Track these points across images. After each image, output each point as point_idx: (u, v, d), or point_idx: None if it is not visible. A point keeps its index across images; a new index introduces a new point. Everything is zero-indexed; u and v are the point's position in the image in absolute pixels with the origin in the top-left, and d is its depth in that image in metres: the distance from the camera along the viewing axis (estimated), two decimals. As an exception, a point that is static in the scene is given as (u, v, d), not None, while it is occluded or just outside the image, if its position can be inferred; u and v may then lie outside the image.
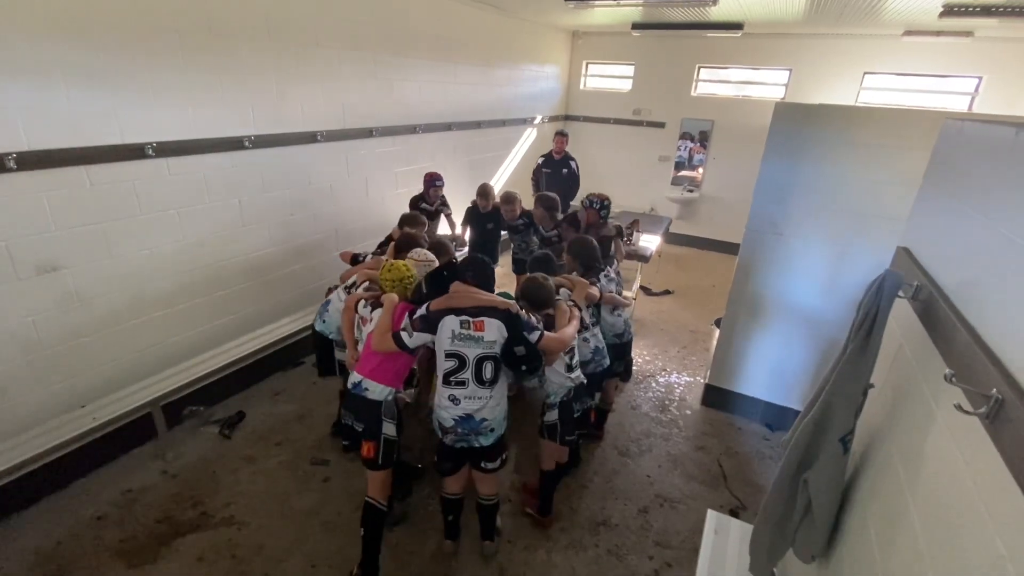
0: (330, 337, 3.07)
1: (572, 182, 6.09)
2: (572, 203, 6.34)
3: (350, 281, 2.98)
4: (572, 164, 6.16)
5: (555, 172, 6.13)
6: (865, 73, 6.56)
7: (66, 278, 2.88)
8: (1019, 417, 0.89)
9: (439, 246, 3.38)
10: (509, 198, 4.49)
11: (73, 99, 2.71)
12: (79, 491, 2.97)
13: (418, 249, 2.90)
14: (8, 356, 2.74)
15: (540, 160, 6.27)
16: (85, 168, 2.83)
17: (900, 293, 1.50)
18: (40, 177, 2.67)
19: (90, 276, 2.98)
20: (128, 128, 2.97)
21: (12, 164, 2.52)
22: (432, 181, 4.49)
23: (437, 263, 2.87)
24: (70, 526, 2.75)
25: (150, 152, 3.06)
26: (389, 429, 2.40)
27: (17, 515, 2.79)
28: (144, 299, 3.28)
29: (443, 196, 4.67)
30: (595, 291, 2.94)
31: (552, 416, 2.66)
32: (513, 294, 3.09)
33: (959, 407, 1.03)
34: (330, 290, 3.17)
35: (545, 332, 2.37)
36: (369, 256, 3.29)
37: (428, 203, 4.57)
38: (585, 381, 2.72)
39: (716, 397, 4.07)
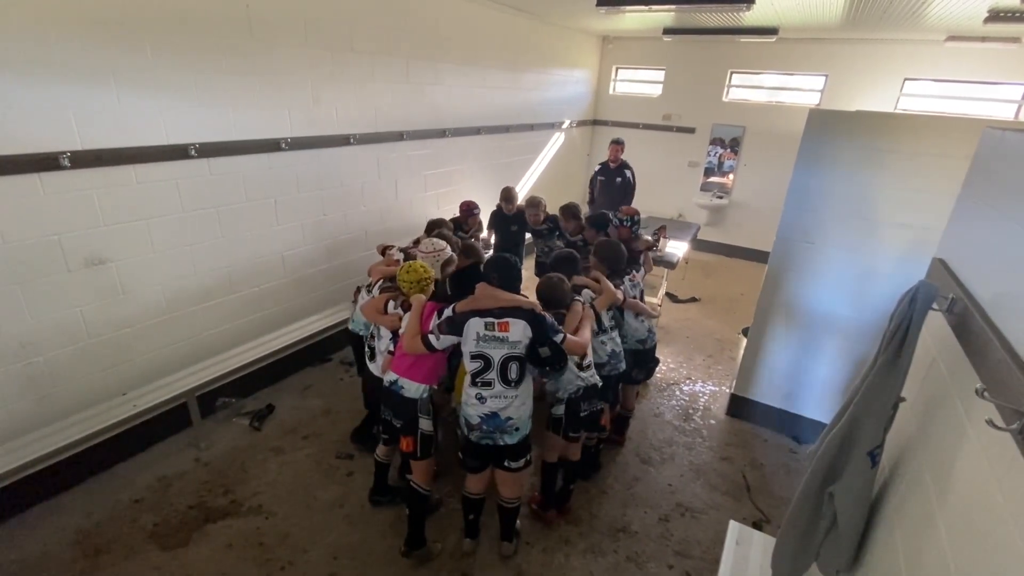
0: (360, 333, 3.16)
1: (626, 191, 5.96)
2: None
3: (374, 283, 3.02)
4: (627, 173, 6.00)
5: (609, 180, 6.01)
6: (905, 79, 6.37)
7: (112, 271, 3.03)
8: (1054, 434, 0.87)
9: (469, 249, 3.42)
10: (533, 202, 4.52)
11: (124, 101, 2.86)
12: (118, 475, 3.12)
13: (426, 240, 2.94)
14: (57, 344, 2.89)
15: (597, 168, 6.20)
16: (133, 167, 2.97)
17: (934, 306, 1.47)
18: (91, 175, 2.81)
19: (134, 270, 3.12)
20: (173, 129, 3.11)
21: (66, 162, 2.67)
22: (470, 210, 4.47)
23: (447, 251, 2.94)
24: (109, 508, 2.88)
25: (193, 153, 3.20)
26: (425, 424, 2.49)
27: (61, 495, 2.94)
28: (183, 293, 3.42)
29: (480, 221, 4.66)
30: (619, 295, 2.95)
31: (559, 410, 2.70)
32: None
33: (991, 423, 1.01)
34: (358, 289, 3.25)
35: (567, 335, 2.39)
36: (396, 250, 3.32)
37: (464, 231, 4.51)
38: (599, 383, 2.72)
39: (742, 407, 4.00)
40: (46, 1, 2.50)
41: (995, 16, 4.12)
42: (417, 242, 3.43)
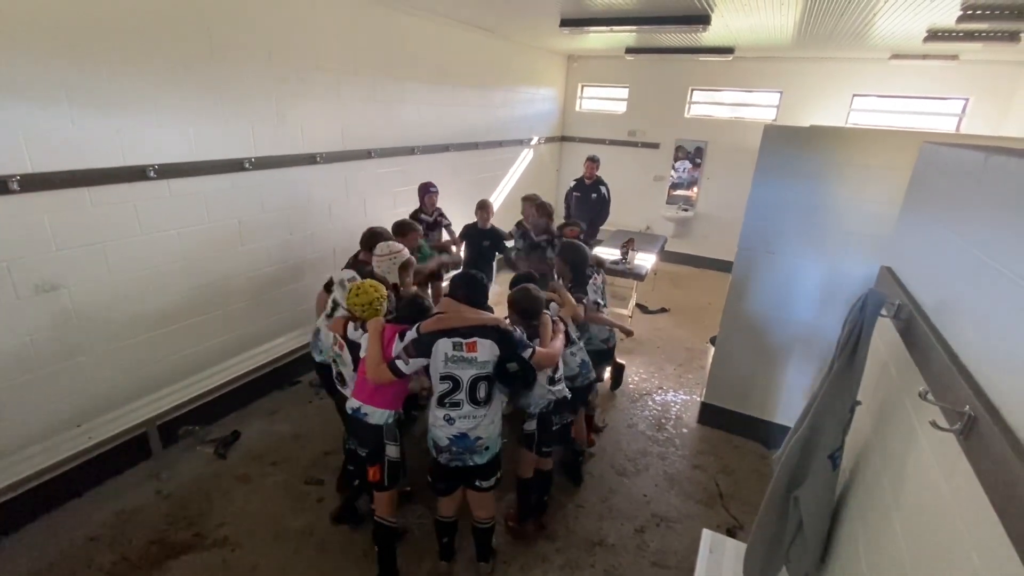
0: (327, 363, 3.06)
1: (602, 207, 6.03)
2: (603, 228, 6.36)
3: (328, 309, 3.00)
4: (602, 189, 6.07)
5: (585, 196, 6.08)
6: (854, 95, 6.70)
7: (65, 297, 2.90)
8: (991, 434, 0.91)
9: (402, 225, 3.37)
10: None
11: (77, 121, 2.77)
12: (73, 511, 2.95)
13: (381, 244, 2.91)
14: (5, 374, 2.75)
15: (572, 183, 6.30)
16: (87, 189, 2.88)
17: (883, 312, 1.53)
18: (42, 198, 2.71)
19: (89, 295, 3.01)
20: (130, 150, 3.03)
21: (15, 186, 2.57)
22: (427, 189, 4.52)
23: (404, 253, 2.90)
24: (63, 547, 2.73)
25: (151, 174, 3.12)
26: (392, 451, 2.43)
27: (11, 535, 2.77)
28: (142, 318, 3.30)
29: (439, 208, 4.69)
30: (580, 311, 2.98)
31: (531, 426, 2.70)
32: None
33: (935, 424, 1.05)
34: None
35: (536, 348, 2.39)
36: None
37: (426, 213, 4.62)
38: (568, 396, 2.73)
39: (712, 415, 4.07)
40: (-7, 21, 2.43)
41: (933, 35, 4.38)
42: (356, 259, 3.27)
